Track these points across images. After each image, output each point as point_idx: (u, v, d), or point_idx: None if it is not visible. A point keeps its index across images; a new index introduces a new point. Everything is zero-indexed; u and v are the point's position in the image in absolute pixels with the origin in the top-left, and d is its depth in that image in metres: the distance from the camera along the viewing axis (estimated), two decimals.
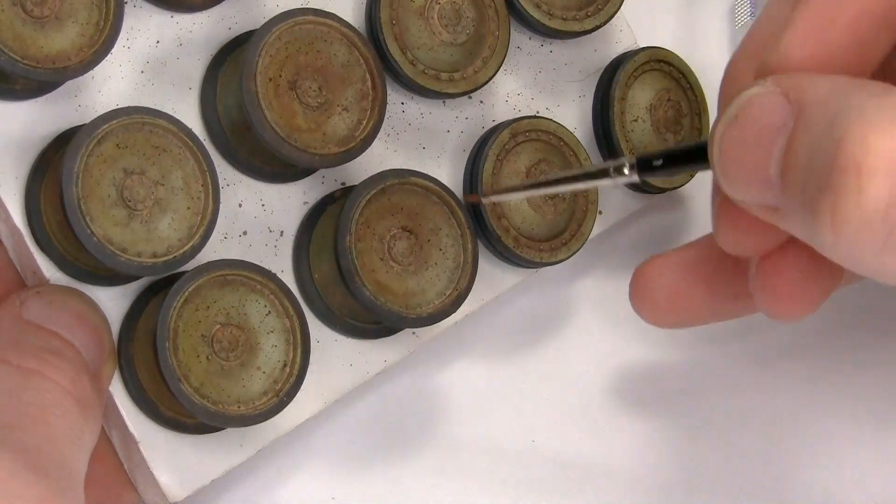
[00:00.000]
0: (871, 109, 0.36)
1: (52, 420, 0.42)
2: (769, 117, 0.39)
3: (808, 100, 0.39)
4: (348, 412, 0.53)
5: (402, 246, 0.49)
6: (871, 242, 0.36)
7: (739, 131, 0.40)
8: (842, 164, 0.36)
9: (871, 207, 0.36)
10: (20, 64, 0.44)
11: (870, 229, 0.36)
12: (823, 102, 0.38)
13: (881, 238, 0.36)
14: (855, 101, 0.37)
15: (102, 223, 0.45)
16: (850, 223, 0.36)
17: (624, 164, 0.44)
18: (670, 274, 0.51)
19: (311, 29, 0.48)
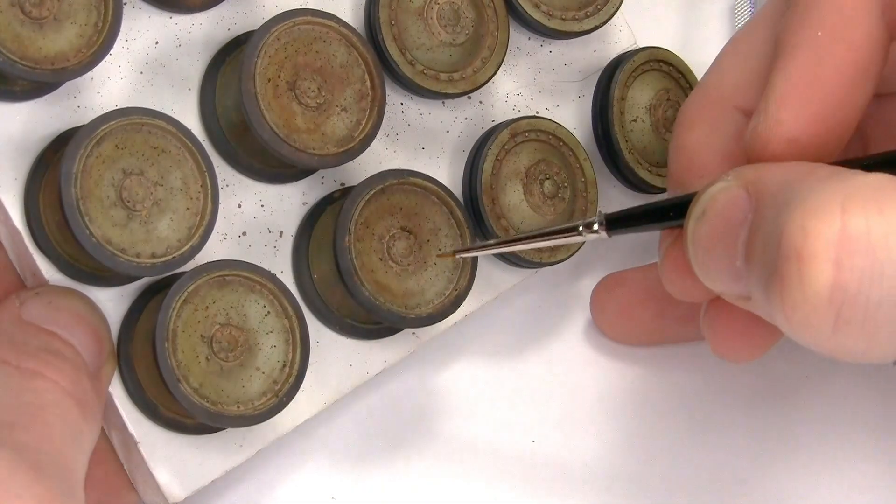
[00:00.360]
0: (811, 196, 0.37)
1: (52, 420, 0.42)
2: (731, 212, 0.40)
3: (763, 191, 0.40)
4: (348, 412, 0.53)
5: (402, 246, 0.49)
6: (822, 326, 0.37)
7: (707, 227, 0.41)
8: (784, 252, 0.37)
9: (815, 293, 0.36)
10: (19, 65, 0.44)
11: (817, 314, 0.37)
12: (776, 192, 0.39)
13: (830, 321, 0.37)
14: (800, 189, 0.38)
15: (101, 224, 0.45)
16: (798, 310, 0.37)
17: (594, 222, 0.45)
18: (624, 292, 0.54)
19: (310, 29, 0.48)
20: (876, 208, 0.36)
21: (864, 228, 0.36)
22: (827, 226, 0.36)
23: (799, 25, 0.42)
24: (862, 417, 0.57)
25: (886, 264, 0.36)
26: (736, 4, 0.62)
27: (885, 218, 0.36)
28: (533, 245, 0.48)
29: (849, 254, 0.36)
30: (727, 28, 0.62)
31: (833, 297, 0.36)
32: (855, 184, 0.37)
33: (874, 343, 0.37)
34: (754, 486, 0.56)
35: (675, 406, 0.57)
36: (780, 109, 0.42)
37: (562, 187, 0.52)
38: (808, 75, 0.41)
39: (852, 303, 0.36)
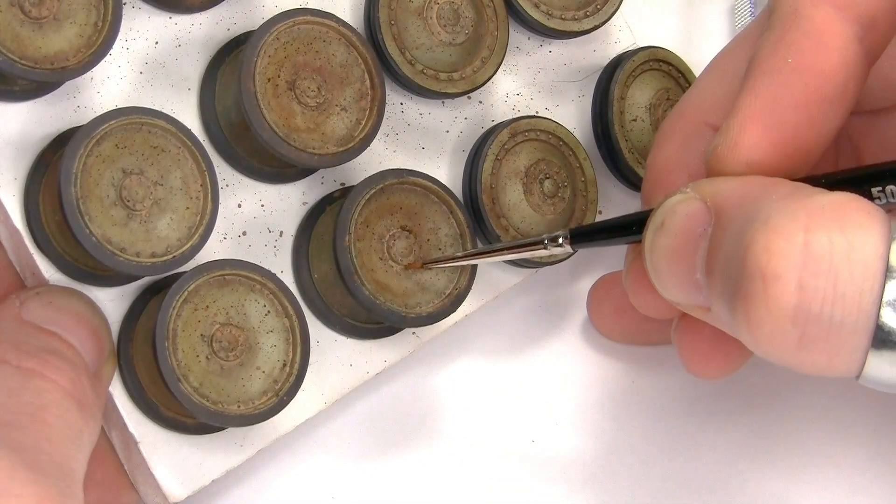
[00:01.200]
0: (776, 214, 0.37)
1: (51, 420, 0.42)
2: (690, 224, 0.40)
3: (723, 204, 0.40)
4: (348, 412, 0.53)
5: (402, 245, 0.49)
6: (786, 343, 0.37)
7: (665, 239, 0.41)
8: (749, 270, 0.37)
9: (780, 312, 0.37)
10: (18, 65, 0.44)
11: (782, 332, 0.37)
12: (736, 207, 0.39)
13: (794, 339, 0.37)
14: (762, 206, 0.38)
15: (101, 223, 0.45)
16: (762, 328, 0.37)
17: (559, 236, 0.46)
18: (619, 292, 0.54)
19: (310, 29, 0.48)
20: (837, 228, 0.36)
21: (827, 249, 0.36)
22: (790, 246, 0.36)
23: (772, 49, 0.42)
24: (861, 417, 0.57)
25: (848, 284, 0.36)
26: (736, 4, 0.62)
27: (846, 237, 0.36)
28: (500, 258, 0.48)
29: (812, 274, 0.36)
30: (727, 28, 0.62)
31: (797, 317, 0.37)
32: (818, 203, 0.37)
33: (837, 359, 0.37)
34: (754, 486, 0.56)
35: (675, 406, 0.57)
36: (741, 133, 0.42)
37: (562, 187, 0.52)
38: (772, 102, 0.42)
39: (815, 322, 0.37)
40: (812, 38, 0.42)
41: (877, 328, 0.36)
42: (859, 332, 0.37)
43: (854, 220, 0.36)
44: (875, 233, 0.36)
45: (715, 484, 0.56)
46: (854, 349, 0.37)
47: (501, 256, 0.49)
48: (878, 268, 0.36)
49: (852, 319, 0.36)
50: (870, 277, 0.36)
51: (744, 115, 0.42)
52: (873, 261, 0.36)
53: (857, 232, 0.36)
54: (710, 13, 0.62)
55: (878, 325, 0.36)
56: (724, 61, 0.48)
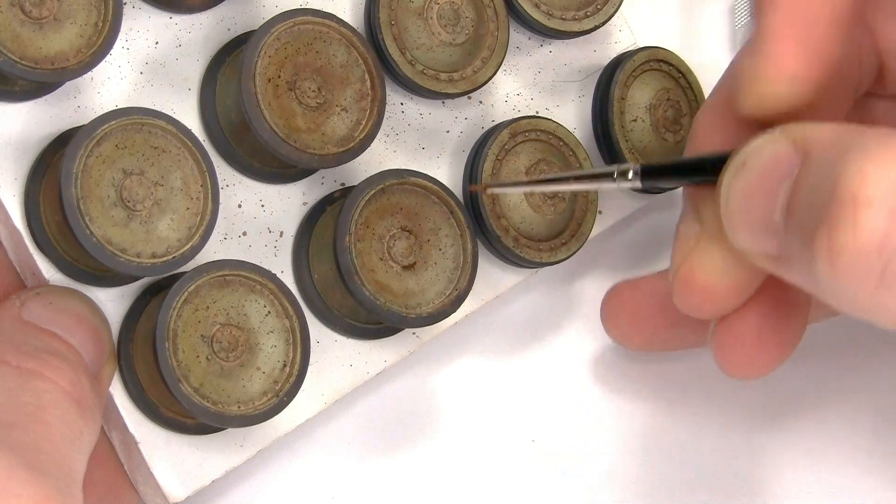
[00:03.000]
0: (873, 143, 0.36)
1: (51, 420, 0.42)
2: (775, 164, 0.39)
3: (813, 145, 0.38)
4: (348, 412, 0.53)
5: (402, 246, 0.49)
6: (867, 277, 0.36)
7: (746, 180, 0.40)
8: (839, 195, 0.36)
9: (867, 239, 0.35)
10: (19, 65, 0.44)
11: (865, 262, 0.35)
12: (828, 146, 0.38)
13: (877, 272, 0.36)
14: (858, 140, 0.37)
15: (102, 224, 0.45)
16: (844, 256, 0.36)
17: (629, 169, 0.44)
18: (635, 299, 0.53)
19: (310, 29, 0.48)
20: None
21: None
22: (886, 173, 0.35)
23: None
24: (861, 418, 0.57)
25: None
26: (736, 4, 0.62)
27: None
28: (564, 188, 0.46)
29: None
30: (727, 28, 0.62)
31: (883, 246, 0.35)
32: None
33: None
34: (754, 486, 0.56)
35: (676, 405, 0.57)
36: (780, 48, 0.40)
37: None
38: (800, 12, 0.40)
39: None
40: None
41: None
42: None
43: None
44: None
45: (715, 484, 0.56)
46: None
47: (567, 186, 0.47)
48: None
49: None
50: None
51: (776, 32, 0.40)
52: None
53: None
54: (710, 13, 0.62)
55: None
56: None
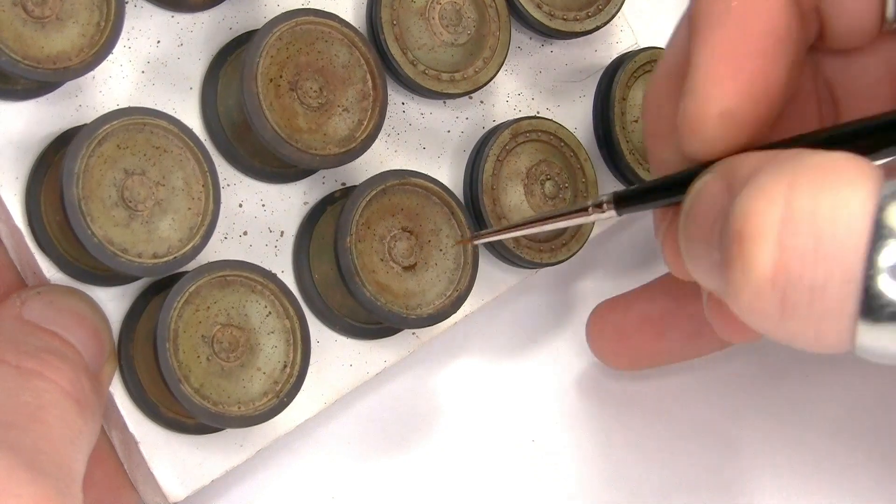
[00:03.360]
0: (762, 175, 0.36)
1: (50, 420, 0.42)
2: (710, 204, 0.39)
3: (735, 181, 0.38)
4: (348, 412, 0.53)
5: (403, 247, 0.49)
6: (769, 311, 0.35)
7: (693, 223, 0.40)
8: (729, 234, 0.36)
9: (758, 273, 0.35)
10: (21, 64, 0.44)
11: (762, 298, 0.35)
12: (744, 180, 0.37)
13: (776, 306, 0.35)
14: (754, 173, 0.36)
15: (103, 224, 0.44)
16: (743, 294, 0.36)
17: (603, 202, 0.44)
18: (619, 319, 0.53)
19: (312, 29, 0.48)
20: (823, 185, 0.34)
21: (811, 206, 0.34)
22: (770, 204, 0.34)
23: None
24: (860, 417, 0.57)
25: (832, 244, 0.34)
26: None
27: (834, 195, 0.34)
28: (546, 227, 0.47)
29: (792, 233, 0.34)
30: None
31: (776, 279, 0.35)
32: (808, 162, 0.35)
33: (824, 327, 0.35)
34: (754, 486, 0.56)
35: (676, 406, 0.57)
36: (710, 85, 0.40)
37: (563, 188, 0.52)
38: (731, 47, 0.40)
39: (796, 284, 0.34)
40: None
41: (868, 297, 0.34)
42: (845, 299, 0.34)
43: (842, 176, 0.34)
44: (863, 189, 0.34)
45: (715, 484, 0.56)
46: (841, 317, 0.35)
47: (547, 226, 0.47)
48: (864, 226, 0.34)
49: (836, 283, 0.34)
50: (855, 236, 0.34)
51: (705, 68, 0.40)
52: (860, 219, 0.34)
53: (843, 189, 0.34)
54: None
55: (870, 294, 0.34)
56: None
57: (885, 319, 0.34)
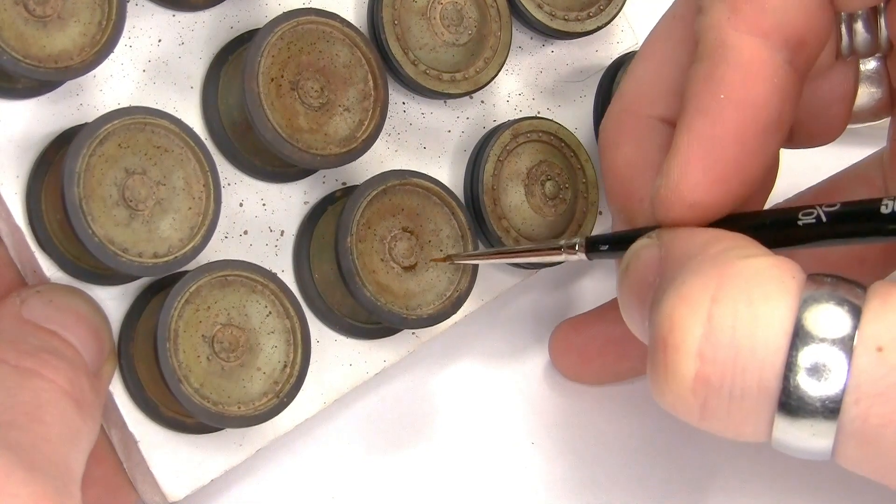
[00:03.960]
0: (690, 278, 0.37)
1: (49, 419, 0.42)
2: (645, 272, 0.40)
3: (668, 256, 0.39)
4: (348, 412, 0.53)
5: (403, 247, 0.49)
6: (689, 413, 0.37)
7: (627, 282, 0.41)
8: (653, 335, 0.37)
9: (679, 383, 0.36)
10: (22, 63, 0.44)
11: (683, 403, 0.37)
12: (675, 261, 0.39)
13: (696, 411, 0.37)
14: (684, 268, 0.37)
15: (104, 223, 0.44)
16: (665, 396, 0.37)
17: (576, 244, 0.45)
18: (581, 340, 0.54)
19: (313, 29, 0.48)
20: (745, 299, 0.36)
21: (730, 321, 0.35)
22: (694, 316, 0.36)
23: (703, 84, 0.42)
24: None
25: (749, 358, 0.35)
26: None
27: (752, 310, 0.35)
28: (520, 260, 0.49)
29: (713, 347, 0.36)
30: None
31: (696, 389, 0.36)
32: (734, 270, 0.36)
33: (743, 429, 0.37)
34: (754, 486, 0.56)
35: None
36: (682, 175, 0.41)
37: (563, 188, 0.52)
38: (709, 139, 0.41)
39: (716, 395, 0.36)
40: (741, 70, 0.41)
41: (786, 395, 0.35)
42: (762, 407, 0.36)
43: (765, 290, 0.36)
44: (784, 305, 0.35)
45: (715, 484, 0.56)
46: (759, 421, 0.36)
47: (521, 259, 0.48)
48: (782, 343, 0.35)
49: (753, 394, 0.36)
50: (772, 352, 0.35)
51: (683, 157, 0.41)
52: (777, 335, 0.35)
53: (764, 304, 0.35)
54: None
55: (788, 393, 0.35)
56: (657, 46, 0.47)
57: (800, 417, 0.36)
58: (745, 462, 0.56)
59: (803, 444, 0.36)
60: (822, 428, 0.36)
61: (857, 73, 0.48)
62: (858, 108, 0.49)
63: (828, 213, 0.40)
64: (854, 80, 0.47)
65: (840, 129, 0.48)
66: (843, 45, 0.45)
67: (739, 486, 0.56)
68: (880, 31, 0.46)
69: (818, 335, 0.35)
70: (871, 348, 0.35)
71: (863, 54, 0.46)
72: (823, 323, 0.35)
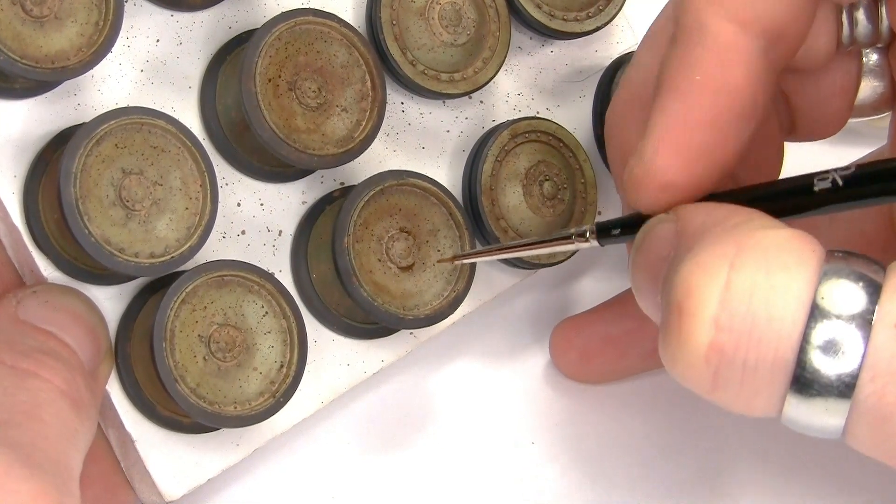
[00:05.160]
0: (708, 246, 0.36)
1: (47, 418, 0.42)
2: (659, 246, 0.40)
3: (685, 230, 0.39)
4: (346, 412, 0.53)
5: (400, 247, 0.49)
6: (700, 383, 0.37)
7: (640, 258, 0.40)
8: (668, 302, 0.37)
9: (693, 351, 0.36)
10: (19, 63, 0.44)
11: (695, 371, 0.36)
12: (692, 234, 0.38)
13: (708, 380, 0.36)
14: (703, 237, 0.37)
15: (100, 223, 0.45)
16: (677, 364, 0.37)
17: (586, 231, 0.45)
18: (581, 339, 0.54)
19: (311, 29, 0.48)
20: (764, 268, 0.35)
21: (748, 290, 0.35)
22: (711, 283, 0.35)
23: (679, 65, 0.41)
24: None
25: (765, 328, 0.35)
26: None
27: (770, 280, 0.35)
28: (528, 252, 0.48)
29: (729, 315, 0.35)
30: None
31: (709, 357, 0.36)
32: (754, 239, 0.36)
33: (754, 402, 0.37)
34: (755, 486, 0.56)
35: (676, 406, 0.57)
36: (654, 156, 0.41)
37: (561, 189, 0.52)
38: (682, 122, 0.41)
39: (729, 365, 0.36)
40: (717, 54, 0.41)
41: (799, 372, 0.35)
42: (776, 379, 0.36)
43: (784, 261, 0.35)
44: (802, 278, 0.35)
45: (715, 484, 0.56)
46: (771, 394, 0.36)
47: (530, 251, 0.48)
48: (799, 315, 0.35)
49: (768, 365, 0.35)
50: (789, 324, 0.35)
51: (655, 138, 0.41)
52: (795, 308, 0.35)
53: (783, 275, 0.35)
54: None
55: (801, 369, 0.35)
56: (659, 33, 0.47)
57: (813, 394, 0.35)
58: (746, 462, 0.56)
59: (815, 421, 0.36)
60: (834, 405, 0.35)
61: (860, 67, 0.47)
62: (860, 101, 0.49)
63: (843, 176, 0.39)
64: (856, 74, 0.47)
65: (841, 123, 0.48)
66: (844, 34, 0.45)
67: (740, 485, 0.56)
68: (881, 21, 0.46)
69: (833, 311, 0.35)
70: (889, 325, 0.34)
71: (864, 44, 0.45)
72: (839, 299, 0.35)
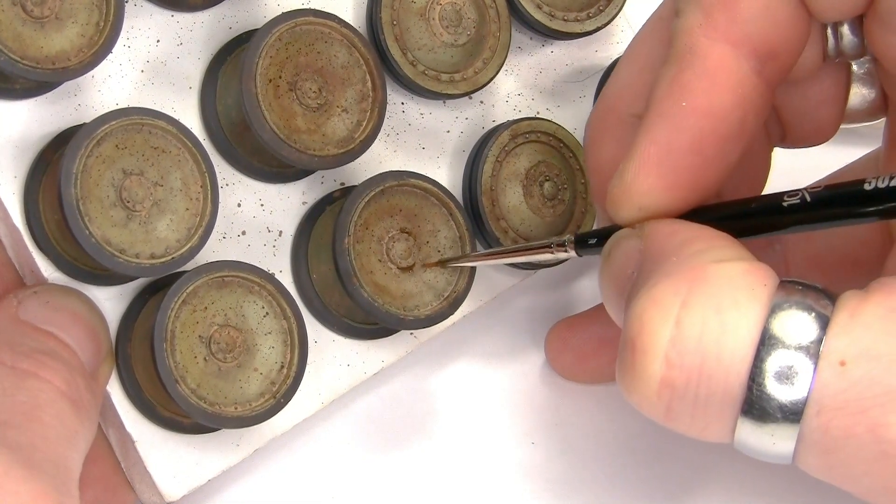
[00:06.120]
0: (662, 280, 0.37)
1: (46, 419, 0.42)
2: (625, 261, 0.40)
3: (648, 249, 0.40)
4: (346, 412, 0.53)
5: (401, 248, 0.49)
6: (655, 413, 0.37)
7: (608, 272, 0.41)
8: (624, 336, 0.37)
9: (645, 384, 0.37)
10: (20, 64, 0.44)
11: (648, 403, 0.37)
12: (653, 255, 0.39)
13: (661, 410, 0.37)
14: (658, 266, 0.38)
15: (101, 224, 0.45)
16: (632, 395, 0.37)
17: (565, 241, 0.45)
18: (577, 340, 0.55)
19: (312, 30, 0.48)
20: (714, 306, 0.36)
21: (698, 328, 0.36)
22: (663, 320, 0.36)
23: (667, 90, 0.41)
24: None
25: (714, 365, 0.36)
26: None
27: (720, 318, 0.36)
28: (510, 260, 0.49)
29: (679, 353, 0.36)
30: None
31: (661, 392, 0.37)
32: (705, 274, 0.36)
33: (706, 432, 0.37)
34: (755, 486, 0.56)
35: None
36: (635, 178, 0.41)
37: (562, 189, 0.53)
38: (667, 146, 0.41)
39: (680, 399, 0.36)
40: (706, 78, 0.41)
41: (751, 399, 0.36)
42: (725, 413, 0.36)
43: (735, 298, 0.36)
44: (752, 314, 0.36)
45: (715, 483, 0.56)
46: (721, 425, 0.37)
47: (512, 258, 0.48)
48: (748, 352, 0.36)
49: (717, 400, 0.36)
50: (738, 361, 0.36)
51: (639, 161, 0.41)
52: (744, 344, 0.36)
53: (733, 312, 0.36)
54: None
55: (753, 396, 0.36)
56: (641, 47, 0.47)
57: (764, 421, 0.36)
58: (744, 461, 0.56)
59: (765, 448, 0.37)
60: (783, 433, 0.36)
61: (849, 76, 0.48)
62: (851, 109, 0.49)
63: (812, 194, 0.40)
64: (845, 83, 0.48)
65: (832, 131, 0.48)
66: (830, 47, 0.45)
67: (739, 485, 0.56)
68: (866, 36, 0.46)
69: (786, 340, 0.35)
70: (834, 362, 0.35)
71: (850, 56, 0.46)
72: (790, 329, 0.36)
